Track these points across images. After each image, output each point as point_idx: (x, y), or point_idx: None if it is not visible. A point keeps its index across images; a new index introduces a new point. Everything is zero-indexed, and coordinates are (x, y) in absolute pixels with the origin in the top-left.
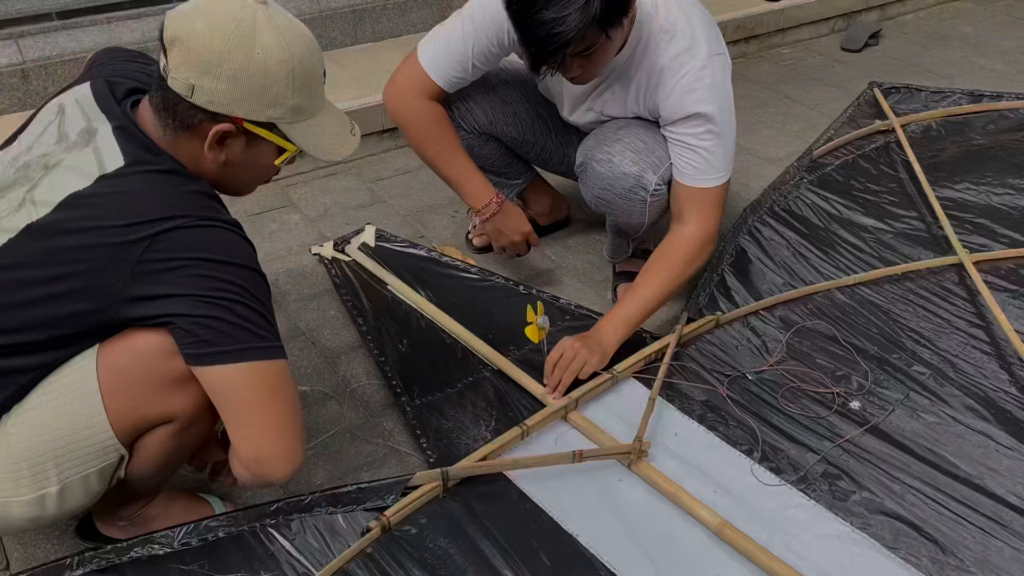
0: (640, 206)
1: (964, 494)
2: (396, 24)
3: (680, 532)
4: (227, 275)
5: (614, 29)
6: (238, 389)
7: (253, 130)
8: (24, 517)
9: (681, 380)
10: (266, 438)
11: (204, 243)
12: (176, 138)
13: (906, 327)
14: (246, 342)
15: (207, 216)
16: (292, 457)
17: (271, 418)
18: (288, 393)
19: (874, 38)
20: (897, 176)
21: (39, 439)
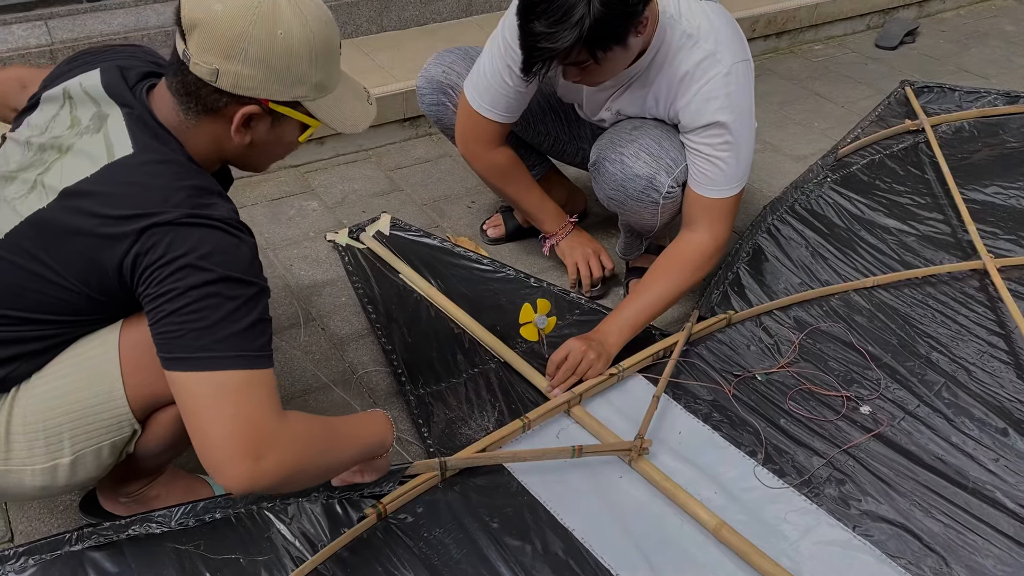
0: (652, 208)
1: (971, 505)
2: (422, 12)
3: (677, 531)
4: (195, 280)
5: (604, 52)
6: (185, 397)
7: (279, 110)
8: (35, 486)
9: (688, 378)
10: (206, 450)
11: (184, 243)
12: (198, 121)
13: (923, 333)
14: (197, 351)
15: (198, 214)
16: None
17: (210, 430)
18: (240, 403)
19: (911, 35)
20: (924, 177)
21: (56, 410)
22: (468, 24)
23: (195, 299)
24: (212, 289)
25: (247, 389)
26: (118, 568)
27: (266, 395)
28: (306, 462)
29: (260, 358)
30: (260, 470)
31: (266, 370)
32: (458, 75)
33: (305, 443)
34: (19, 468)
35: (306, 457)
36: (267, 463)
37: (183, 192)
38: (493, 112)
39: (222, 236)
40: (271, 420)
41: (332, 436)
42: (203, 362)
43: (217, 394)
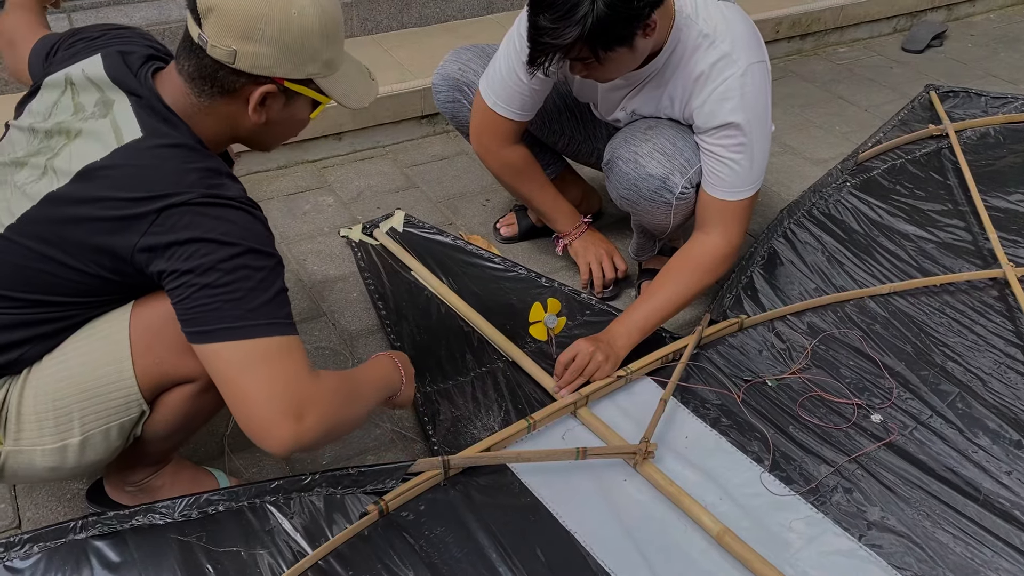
0: (665, 208)
1: (983, 517)
2: (443, 9)
3: (679, 537)
4: (223, 254)
5: (606, 52)
6: (223, 367)
7: (293, 87)
8: (45, 466)
9: (697, 382)
10: (250, 416)
11: (205, 222)
12: (212, 102)
13: (939, 341)
14: (234, 321)
15: (213, 194)
16: (281, 434)
17: (253, 395)
18: (277, 367)
19: (938, 39)
20: (946, 183)
21: (66, 390)
22: (489, 22)
23: (225, 272)
24: (240, 262)
25: (283, 354)
26: (121, 557)
27: (300, 358)
28: (341, 415)
29: (290, 325)
30: (304, 428)
31: (296, 336)
32: (474, 73)
33: (338, 397)
34: (29, 448)
35: (340, 410)
36: (309, 421)
37: (195, 174)
38: (508, 110)
39: (238, 213)
40: (308, 381)
41: (356, 387)
42: (239, 331)
43: (255, 361)
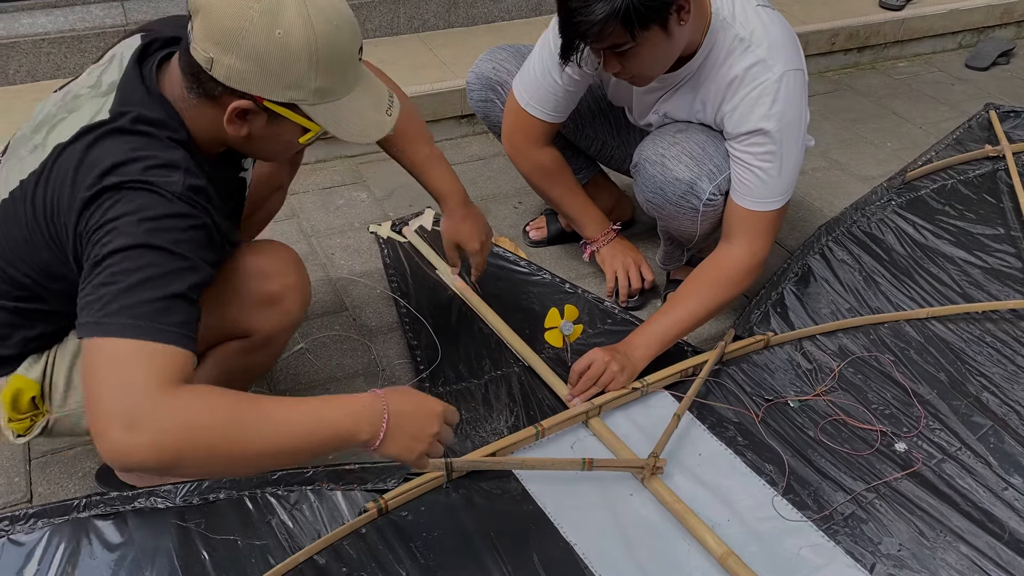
0: (691, 215)
1: (1005, 558)
2: (491, 10)
3: (682, 556)
4: (123, 243)
5: (644, 31)
6: (85, 361)
7: (274, 109)
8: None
9: (716, 399)
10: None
11: (127, 206)
12: (199, 102)
13: (975, 371)
14: (105, 316)
15: (150, 180)
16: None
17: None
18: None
19: (1005, 56)
20: (999, 206)
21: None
22: (537, 23)
23: (114, 263)
24: (131, 254)
25: (138, 360)
26: (120, 538)
27: (157, 369)
28: (197, 444)
29: (164, 332)
30: (132, 443)
31: (168, 345)
32: (508, 72)
33: (196, 423)
34: (75, 410)
35: (197, 439)
36: (140, 438)
37: (141, 163)
38: (540, 111)
39: (165, 204)
40: (153, 395)
41: (251, 420)
42: (103, 328)
43: (108, 361)
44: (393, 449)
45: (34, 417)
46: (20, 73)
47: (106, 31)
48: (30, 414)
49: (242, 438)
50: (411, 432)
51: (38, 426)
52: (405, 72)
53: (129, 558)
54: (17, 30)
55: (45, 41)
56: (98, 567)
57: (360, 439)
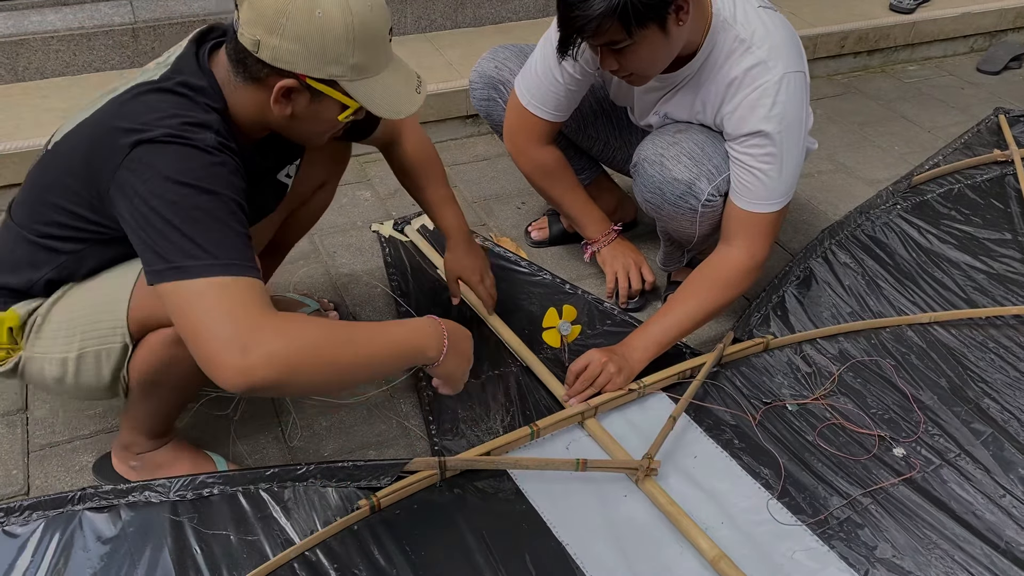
0: (690, 215)
1: (1001, 566)
2: (499, 10)
3: (674, 558)
4: (176, 193)
5: (640, 29)
6: (174, 305)
7: (315, 86)
8: (52, 376)
9: (714, 402)
10: (197, 352)
11: (163, 160)
12: (245, 86)
13: (977, 377)
14: (184, 260)
15: (180, 135)
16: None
17: (199, 331)
18: (224, 304)
19: (1017, 61)
20: (1007, 211)
21: (79, 306)
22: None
23: (168, 208)
24: (184, 200)
25: (229, 293)
26: (113, 531)
27: (251, 297)
28: (306, 357)
29: (241, 267)
30: (249, 363)
31: (248, 278)
32: (510, 71)
33: (305, 338)
34: (40, 356)
35: (303, 351)
36: (255, 356)
37: (174, 119)
38: (542, 110)
39: (198, 154)
40: (257, 315)
41: (342, 335)
42: (186, 271)
43: (202, 298)
44: (451, 365)
45: (11, 351)
46: (29, 70)
47: (115, 29)
48: (8, 347)
49: (339, 352)
50: (461, 351)
51: (11, 360)
52: None
53: (122, 551)
54: (27, 27)
55: (54, 38)
56: (91, 560)
57: (429, 355)
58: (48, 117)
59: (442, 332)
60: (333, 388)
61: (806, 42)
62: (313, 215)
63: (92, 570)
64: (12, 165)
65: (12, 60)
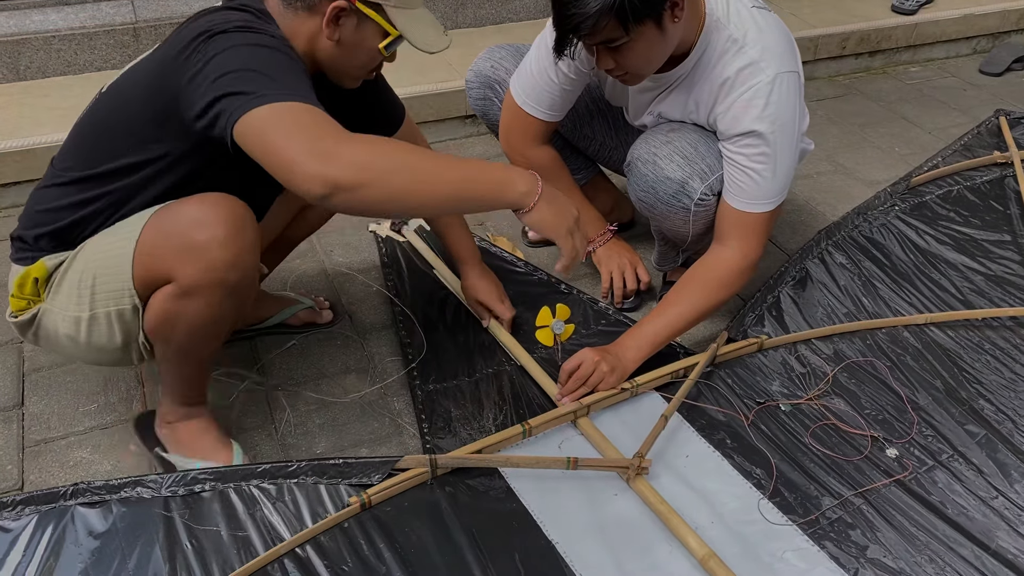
0: (683, 214)
1: (991, 568)
2: (499, 11)
3: (664, 557)
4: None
5: (637, 26)
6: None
7: (363, 9)
8: (65, 334)
9: (707, 402)
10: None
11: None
12: (296, 17)
13: (972, 378)
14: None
15: (250, 26)
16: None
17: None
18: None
19: (1020, 62)
20: (1006, 213)
21: (93, 264)
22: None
23: (248, 62)
24: (265, 55)
25: (309, 114)
26: (104, 526)
27: (327, 120)
28: (383, 160)
29: (315, 102)
30: (331, 169)
31: (323, 111)
32: (506, 71)
33: (380, 142)
34: (58, 311)
35: (384, 153)
36: (337, 163)
37: (244, 22)
38: (537, 109)
39: (271, 38)
40: (336, 132)
41: (417, 149)
42: (268, 98)
43: (278, 118)
44: (547, 214)
45: (32, 302)
46: (31, 69)
47: (116, 28)
48: (30, 297)
49: (419, 166)
50: (559, 208)
51: (30, 312)
52: (411, 72)
53: (113, 546)
54: (28, 26)
55: (56, 38)
56: (82, 554)
57: (520, 190)
58: (49, 116)
59: (537, 180)
60: (408, 203)
61: (807, 43)
62: (323, 214)
63: (83, 564)
64: (14, 164)
65: (14, 59)
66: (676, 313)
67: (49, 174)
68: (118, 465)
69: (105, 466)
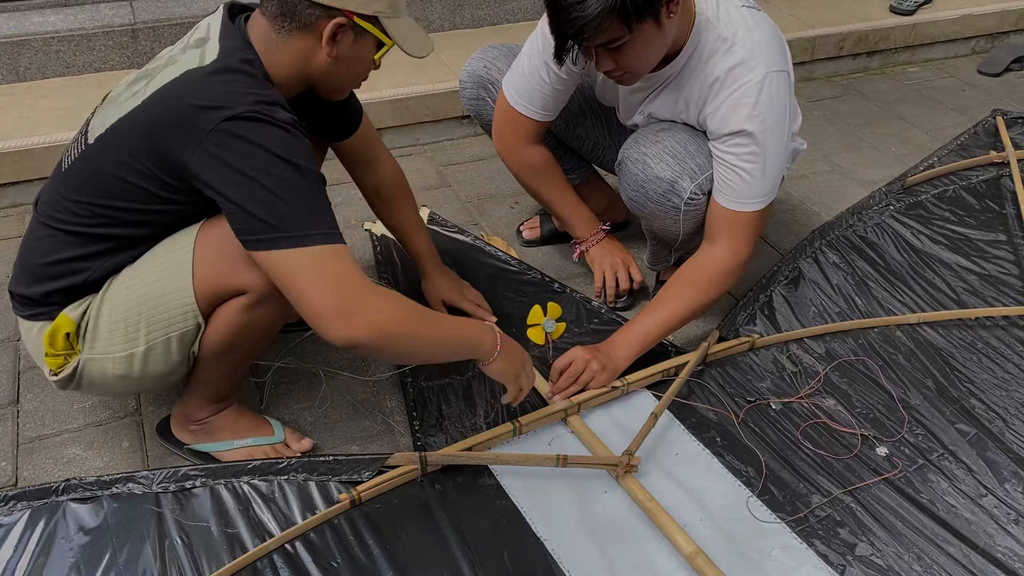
0: (673, 213)
1: (978, 565)
2: (496, 12)
3: (652, 554)
4: (269, 166)
5: (639, 23)
6: (281, 271)
7: (361, 24)
8: (116, 374)
9: (698, 399)
10: (307, 313)
11: (253, 135)
12: (289, 38)
13: (964, 377)
14: (285, 230)
15: (263, 112)
16: (334, 326)
17: (307, 295)
18: (328, 270)
19: (1019, 62)
20: (1002, 213)
21: (135, 301)
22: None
23: (271, 182)
24: (285, 174)
25: (332, 259)
26: (95, 522)
27: (350, 263)
28: (400, 326)
29: (337, 235)
30: (356, 324)
31: (344, 244)
32: (499, 71)
33: (394, 307)
34: (101, 356)
35: (397, 322)
36: (360, 319)
37: (251, 96)
38: (529, 109)
39: (283, 133)
40: (359, 282)
41: (428, 317)
42: (296, 240)
43: (307, 265)
44: (504, 365)
45: (68, 356)
46: (30, 70)
47: (115, 30)
48: (65, 352)
49: (422, 328)
50: (512, 357)
51: (70, 365)
52: (407, 73)
53: (104, 541)
54: (28, 28)
55: (55, 39)
56: (73, 549)
57: (485, 349)
58: (48, 117)
59: (496, 336)
60: (409, 359)
61: (805, 44)
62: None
63: (74, 559)
64: (12, 164)
65: (13, 60)
66: (667, 312)
67: (40, 223)
68: (111, 461)
69: (98, 463)
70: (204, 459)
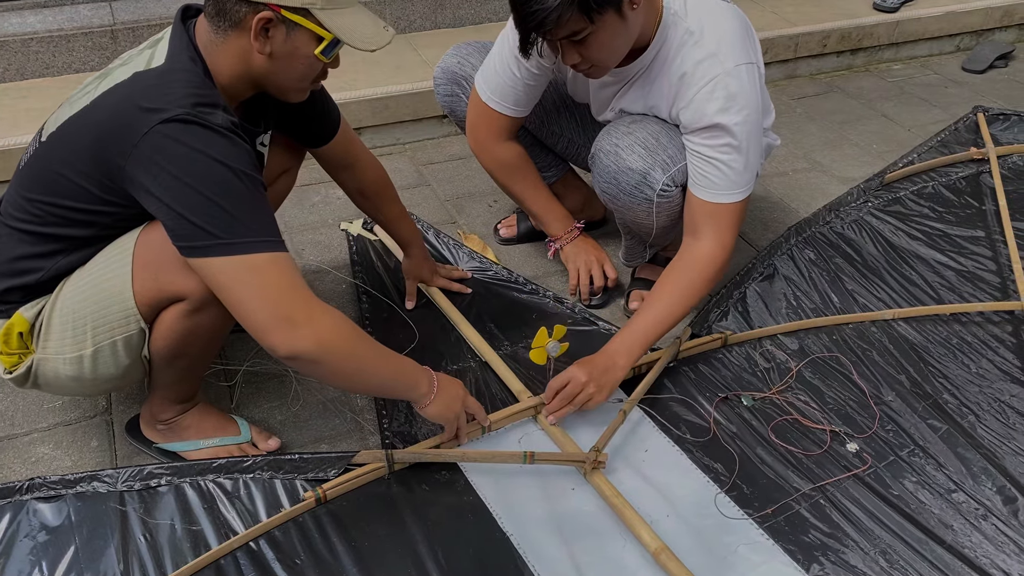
0: (646, 206)
1: (944, 561)
2: (478, 11)
3: (617, 550)
4: (205, 171)
5: (600, 15)
6: (218, 279)
7: (290, 17)
8: (68, 375)
9: (669, 397)
10: (247, 322)
11: (189, 139)
12: (226, 38)
13: (937, 372)
14: (221, 237)
15: (200, 116)
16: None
17: (246, 304)
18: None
19: (1003, 60)
20: (981, 209)
21: (82, 303)
22: None
23: (208, 188)
24: (222, 178)
25: (273, 267)
26: (58, 520)
27: (292, 272)
28: (340, 345)
29: (279, 244)
30: (297, 336)
31: (285, 252)
32: (472, 67)
33: (340, 323)
34: (53, 356)
35: (342, 337)
36: (303, 331)
37: (189, 99)
38: (502, 105)
39: (219, 136)
40: (303, 293)
41: (364, 336)
42: (234, 247)
43: (251, 273)
44: (440, 406)
45: (23, 355)
46: (9, 72)
47: (93, 31)
48: (19, 351)
49: (363, 352)
50: (448, 403)
51: (24, 364)
52: (388, 72)
53: (67, 540)
54: (6, 29)
55: (34, 40)
56: (36, 548)
57: (421, 391)
58: (27, 118)
59: (433, 378)
60: (346, 382)
61: (787, 41)
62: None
63: (36, 558)
64: None
65: None
66: (665, 309)
67: (1, 222)
68: (80, 461)
69: (67, 462)
70: (173, 458)
